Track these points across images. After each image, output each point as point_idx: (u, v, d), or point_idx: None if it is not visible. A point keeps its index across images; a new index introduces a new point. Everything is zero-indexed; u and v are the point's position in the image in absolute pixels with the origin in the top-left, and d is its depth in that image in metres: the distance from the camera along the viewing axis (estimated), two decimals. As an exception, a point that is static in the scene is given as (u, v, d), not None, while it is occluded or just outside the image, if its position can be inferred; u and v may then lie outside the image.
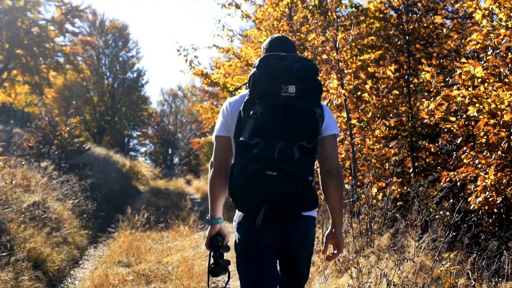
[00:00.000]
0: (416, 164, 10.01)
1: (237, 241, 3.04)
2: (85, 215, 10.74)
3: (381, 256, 5.23)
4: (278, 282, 3.11)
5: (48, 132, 13.70)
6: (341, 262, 5.43)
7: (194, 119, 46.89)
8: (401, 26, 10.50)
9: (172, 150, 50.64)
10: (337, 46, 7.86)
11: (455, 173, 5.68)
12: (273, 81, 2.80)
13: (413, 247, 5.22)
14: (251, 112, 2.79)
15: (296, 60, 2.90)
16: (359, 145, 8.30)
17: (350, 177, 8.65)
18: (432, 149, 9.95)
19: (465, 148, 5.74)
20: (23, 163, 11.52)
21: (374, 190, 7.44)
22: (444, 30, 11.14)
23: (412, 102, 9.89)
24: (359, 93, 8.01)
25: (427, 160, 10.26)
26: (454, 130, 5.89)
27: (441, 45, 11.04)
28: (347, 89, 7.62)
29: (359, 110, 8.38)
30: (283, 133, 2.78)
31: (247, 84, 2.96)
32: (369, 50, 10.47)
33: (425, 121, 6.13)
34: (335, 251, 3.15)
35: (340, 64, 7.72)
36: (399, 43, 10.67)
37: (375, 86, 8.57)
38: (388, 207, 6.27)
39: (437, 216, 5.94)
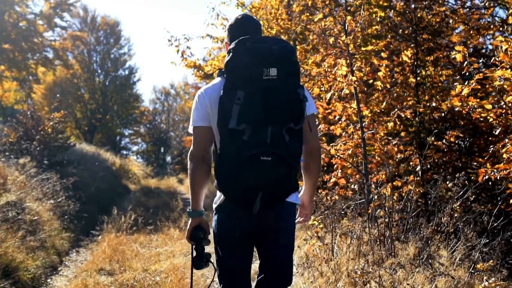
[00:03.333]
0: (423, 162, 9.33)
1: (215, 224, 3.00)
2: (66, 216, 9.84)
3: (409, 268, 4.38)
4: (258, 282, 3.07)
5: (30, 127, 12.78)
6: (358, 274, 4.61)
7: (187, 118, 46.38)
8: (408, 14, 9.82)
9: (164, 149, 50.11)
10: (346, 28, 7.02)
11: (494, 170, 4.85)
12: (253, 65, 2.75)
13: (446, 258, 4.38)
14: (235, 98, 2.73)
15: (274, 42, 2.86)
16: (367, 140, 7.47)
17: (357, 176, 7.82)
18: (442, 146, 9.28)
19: (507, 140, 4.90)
20: (2, 159, 10.67)
21: (388, 190, 6.63)
22: (451, 21, 10.45)
23: (420, 96, 9.20)
24: (370, 81, 7.16)
25: (434, 157, 9.57)
26: (491, 120, 5.08)
27: (448, 36, 10.39)
28: (357, 77, 6.77)
29: (370, 101, 7.53)
30: (270, 117, 2.73)
31: (222, 70, 2.96)
32: (373, 41, 9.79)
33: (457, 109, 5.30)
34: (302, 218, 3.30)
35: (350, 48, 6.88)
36: (406, 32, 9.99)
37: (389, 73, 7.72)
38: (409, 209, 5.42)
39: (464, 220, 5.11)
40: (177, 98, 51.48)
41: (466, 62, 4.95)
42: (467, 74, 11.00)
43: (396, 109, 7.43)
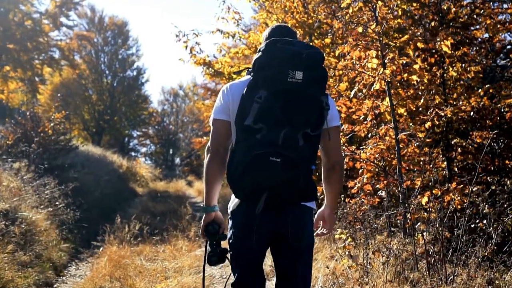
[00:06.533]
0: (451, 165, 8.58)
1: (230, 228, 2.94)
2: (65, 226, 9.04)
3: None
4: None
5: (29, 129, 12.02)
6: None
7: (196, 119, 46.04)
8: (435, 6, 9.10)
9: (173, 151, 49.58)
10: (376, 15, 6.19)
11: None
12: (280, 66, 2.72)
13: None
14: (256, 96, 2.71)
15: (304, 46, 2.83)
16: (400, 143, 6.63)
17: (385, 181, 7.00)
18: (470, 148, 8.54)
19: None
20: (-2, 163, 9.94)
21: (425, 199, 5.81)
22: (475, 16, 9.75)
23: (447, 94, 8.45)
24: (405, 75, 6.30)
25: (459, 159, 8.81)
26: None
27: (474, 30, 9.66)
28: (390, 70, 5.92)
29: (405, 98, 6.68)
30: (288, 119, 2.71)
31: (250, 69, 2.89)
32: (396, 34, 9.06)
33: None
34: (325, 230, 3.16)
35: (381, 39, 6.04)
36: (433, 24, 9.25)
37: (425, 66, 6.88)
38: (463, 224, 4.56)
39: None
40: (186, 99, 51.02)
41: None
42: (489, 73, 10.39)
43: (433, 108, 6.58)
